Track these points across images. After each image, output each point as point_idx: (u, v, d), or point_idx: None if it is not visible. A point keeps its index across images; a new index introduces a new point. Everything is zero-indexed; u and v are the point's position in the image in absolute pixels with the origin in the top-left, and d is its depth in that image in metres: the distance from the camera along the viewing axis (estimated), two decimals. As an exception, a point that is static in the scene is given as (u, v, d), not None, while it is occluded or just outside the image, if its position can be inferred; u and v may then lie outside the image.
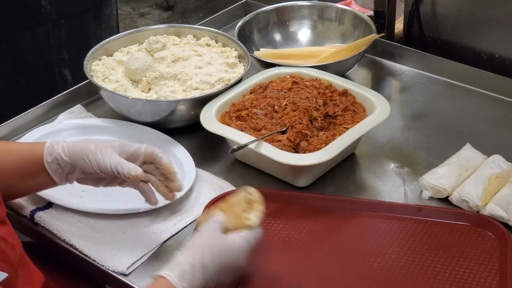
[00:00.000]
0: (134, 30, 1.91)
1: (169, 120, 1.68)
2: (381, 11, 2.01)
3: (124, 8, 4.68)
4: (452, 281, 1.30)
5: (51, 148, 1.37)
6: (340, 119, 1.60)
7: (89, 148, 1.36)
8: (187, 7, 4.74)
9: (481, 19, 1.92)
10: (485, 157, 1.57)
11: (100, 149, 1.36)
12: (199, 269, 1.18)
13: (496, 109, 1.80)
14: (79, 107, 1.81)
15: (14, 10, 2.37)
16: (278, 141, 1.53)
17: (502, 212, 1.42)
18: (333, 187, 1.56)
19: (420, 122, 1.77)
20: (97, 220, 1.46)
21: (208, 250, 1.20)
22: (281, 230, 1.43)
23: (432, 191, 1.50)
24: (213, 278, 1.20)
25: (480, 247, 1.37)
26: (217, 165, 1.63)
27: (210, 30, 1.93)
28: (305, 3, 2.06)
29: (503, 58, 1.91)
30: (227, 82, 1.73)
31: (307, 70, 1.73)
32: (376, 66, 2.01)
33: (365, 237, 1.41)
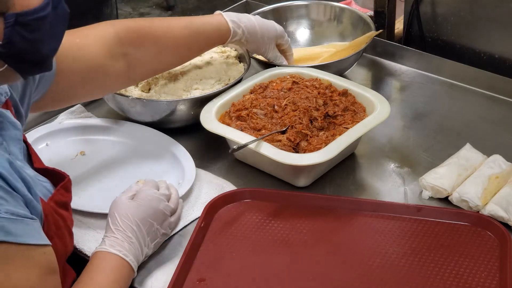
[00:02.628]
0: (134, 30, 1.91)
1: (169, 120, 1.68)
2: (381, 11, 2.01)
3: (124, 8, 4.68)
4: (452, 281, 1.30)
5: (235, 34, 1.68)
6: (340, 119, 1.60)
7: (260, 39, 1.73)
8: (187, 7, 4.74)
9: (481, 19, 1.92)
10: (485, 157, 1.57)
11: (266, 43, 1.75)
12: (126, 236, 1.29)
13: (496, 109, 1.80)
14: (79, 107, 1.81)
15: (14, 10, 2.36)
16: (278, 141, 1.53)
17: (502, 212, 1.42)
18: (333, 187, 1.56)
19: (420, 122, 1.77)
20: (97, 220, 1.46)
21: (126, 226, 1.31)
22: (281, 230, 1.43)
23: (432, 191, 1.50)
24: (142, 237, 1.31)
25: (480, 247, 1.37)
26: (217, 165, 1.63)
27: (210, 30, 1.92)
28: (304, 2, 2.06)
29: (503, 58, 1.91)
30: (227, 82, 1.73)
31: (307, 70, 1.73)
32: (376, 66, 2.01)
33: (365, 237, 1.41)
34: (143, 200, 1.35)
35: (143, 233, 1.32)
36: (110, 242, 1.29)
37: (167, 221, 1.37)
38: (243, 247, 1.39)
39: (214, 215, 1.47)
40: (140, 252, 1.32)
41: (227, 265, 1.36)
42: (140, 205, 1.34)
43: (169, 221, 1.38)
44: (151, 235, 1.34)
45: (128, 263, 1.29)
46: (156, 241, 1.36)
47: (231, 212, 1.48)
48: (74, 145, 1.67)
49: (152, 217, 1.34)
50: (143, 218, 1.33)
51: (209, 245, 1.40)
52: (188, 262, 1.35)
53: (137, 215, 1.32)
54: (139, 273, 1.36)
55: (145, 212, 1.33)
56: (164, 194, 1.39)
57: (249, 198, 1.50)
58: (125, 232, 1.30)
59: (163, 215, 1.36)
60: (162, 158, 1.63)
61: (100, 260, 1.28)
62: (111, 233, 1.31)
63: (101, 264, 1.27)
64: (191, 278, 1.32)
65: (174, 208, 1.40)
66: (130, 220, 1.31)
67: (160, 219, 1.35)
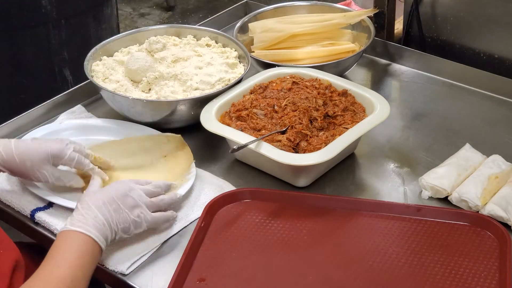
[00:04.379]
0: (135, 31, 1.92)
1: (169, 120, 1.68)
2: (381, 11, 2.01)
3: (125, 9, 4.68)
4: (451, 280, 1.31)
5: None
6: (340, 119, 1.61)
7: (26, 166, 1.42)
8: (187, 7, 4.74)
9: (481, 19, 1.92)
10: (485, 157, 1.57)
11: (37, 168, 1.42)
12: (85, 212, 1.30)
13: (495, 109, 1.81)
14: (79, 107, 1.81)
15: (14, 10, 2.37)
16: (278, 141, 1.53)
17: (501, 212, 1.43)
18: (333, 187, 1.56)
19: (420, 122, 1.77)
20: (97, 220, 1.46)
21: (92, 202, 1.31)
22: (281, 230, 1.43)
23: (431, 191, 1.51)
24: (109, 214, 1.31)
25: (479, 247, 1.37)
26: (217, 165, 1.63)
27: (210, 30, 1.93)
28: (304, 3, 2.06)
29: (503, 58, 1.91)
30: (227, 83, 1.73)
31: (307, 70, 1.73)
32: (376, 66, 2.01)
33: (365, 237, 1.41)
34: (113, 186, 1.37)
35: (110, 211, 1.31)
36: (73, 221, 1.29)
37: (139, 209, 1.35)
38: (243, 247, 1.40)
39: (214, 215, 1.47)
40: (107, 228, 1.30)
41: (227, 265, 1.36)
42: (109, 189, 1.35)
43: (142, 211, 1.35)
44: (118, 215, 1.32)
45: (91, 238, 1.27)
46: (126, 226, 1.33)
47: (231, 212, 1.48)
48: (74, 145, 1.67)
49: (120, 199, 1.33)
50: (110, 198, 1.32)
51: (209, 245, 1.40)
52: (188, 262, 1.35)
53: (105, 195, 1.33)
54: (139, 273, 1.36)
55: (114, 194, 1.33)
56: (144, 188, 1.38)
57: (249, 198, 1.51)
58: (91, 209, 1.30)
59: (133, 201, 1.35)
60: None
61: (62, 239, 1.27)
62: (76, 212, 1.31)
63: (62, 243, 1.27)
64: (191, 278, 1.33)
65: (155, 203, 1.38)
66: (96, 199, 1.32)
67: (130, 204, 1.34)
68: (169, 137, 1.63)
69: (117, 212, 1.33)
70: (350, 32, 1.98)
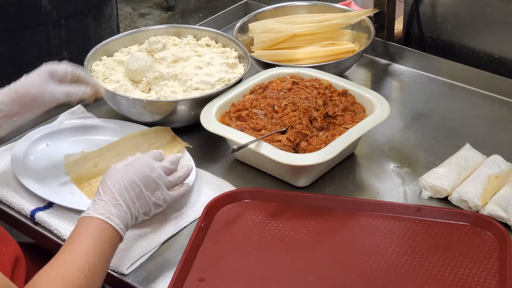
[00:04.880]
0: (134, 31, 1.92)
1: (170, 120, 1.68)
2: (381, 11, 2.01)
3: (125, 9, 4.68)
4: (451, 280, 1.31)
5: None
6: (340, 119, 1.61)
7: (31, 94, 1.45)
8: (187, 7, 4.74)
9: (480, 19, 1.92)
10: (485, 157, 1.57)
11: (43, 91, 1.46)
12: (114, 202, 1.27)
13: (495, 109, 1.81)
14: (79, 107, 1.81)
15: (14, 10, 2.37)
16: (278, 141, 1.53)
17: (501, 212, 1.43)
18: (333, 187, 1.56)
19: (420, 122, 1.77)
20: (97, 220, 1.46)
21: (114, 187, 1.29)
22: (281, 230, 1.43)
23: (431, 191, 1.51)
24: (131, 200, 1.29)
25: (479, 247, 1.37)
26: (217, 165, 1.64)
27: (210, 30, 1.93)
28: (304, 3, 2.06)
29: (503, 59, 1.91)
30: (227, 83, 1.73)
31: (307, 70, 1.73)
32: (376, 66, 2.01)
33: (365, 237, 1.41)
34: (134, 165, 1.33)
35: (132, 197, 1.30)
36: (95, 206, 1.27)
37: (160, 191, 1.35)
38: (243, 247, 1.40)
39: (214, 215, 1.47)
40: (128, 216, 1.29)
41: (227, 265, 1.36)
42: (130, 169, 1.32)
43: (162, 192, 1.36)
44: (140, 201, 1.32)
45: (111, 227, 1.26)
46: (146, 210, 1.33)
47: (231, 212, 1.48)
48: (75, 145, 1.67)
49: (142, 182, 1.32)
50: (132, 181, 1.30)
51: (209, 245, 1.40)
52: (188, 262, 1.35)
53: (126, 178, 1.30)
54: (139, 273, 1.36)
55: (135, 176, 1.31)
56: (162, 165, 1.37)
57: (249, 198, 1.51)
58: (113, 194, 1.28)
59: (154, 183, 1.34)
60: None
61: (82, 225, 1.26)
62: (98, 196, 1.29)
63: (82, 229, 1.25)
64: (191, 278, 1.33)
65: (173, 182, 1.39)
66: (118, 183, 1.29)
67: (152, 187, 1.33)
68: (158, 130, 1.64)
69: (139, 197, 1.31)
70: (350, 32, 1.98)
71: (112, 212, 1.27)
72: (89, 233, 1.24)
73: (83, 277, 1.19)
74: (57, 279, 1.17)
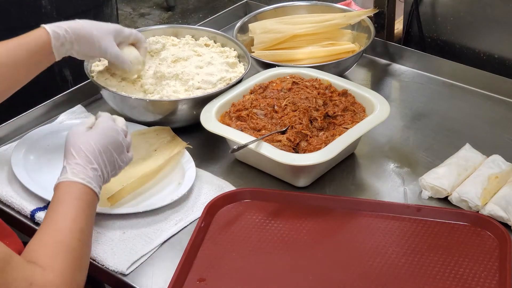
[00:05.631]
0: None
1: (170, 120, 1.68)
2: (381, 11, 2.01)
3: (125, 9, 4.68)
4: (451, 280, 1.31)
5: (56, 35, 1.53)
6: (340, 119, 1.61)
7: (92, 34, 1.57)
8: (187, 7, 4.74)
9: (480, 19, 1.92)
10: (485, 157, 1.57)
11: (102, 37, 1.58)
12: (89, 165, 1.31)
13: (495, 109, 1.81)
14: (79, 107, 1.81)
15: (14, 10, 2.37)
16: (278, 141, 1.53)
17: (501, 212, 1.43)
18: (333, 187, 1.56)
19: (420, 122, 1.77)
20: (97, 220, 1.46)
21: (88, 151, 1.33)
22: (281, 230, 1.43)
23: (431, 191, 1.51)
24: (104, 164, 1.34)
25: (479, 247, 1.37)
26: (217, 165, 1.64)
27: (208, 30, 1.93)
28: (304, 3, 2.06)
29: (503, 58, 1.91)
30: (228, 82, 1.73)
31: (307, 71, 1.73)
32: (376, 66, 2.01)
33: (365, 237, 1.41)
34: (104, 129, 1.37)
35: (104, 161, 1.34)
36: (73, 171, 1.30)
37: (124, 154, 1.40)
38: (243, 247, 1.40)
39: (214, 215, 1.47)
40: (102, 179, 1.33)
41: (227, 265, 1.36)
42: (101, 134, 1.36)
43: (126, 154, 1.40)
44: (111, 164, 1.36)
45: (91, 190, 1.29)
46: (114, 172, 1.38)
47: (231, 212, 1.48)
48: (75, 145, 1.67)
49: (112, 146, 1.36)
50: (104, 146, 1.35)
51: (209, 245, 1.40)
52: (188, 262, 1.35)
53: (99, 143, 1.34)
54: (139, 273, 1.36)
55: (106, 140, 1.36)
56: (122, 128, 1.41)
57: (249, 198, 1.51)
58: (88, 158, 1.32)
59: (121, 147, 1.39)
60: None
61: (64, 190, 1.28)
62: (73, 160, 1.31)
63: (65, 194, 1.27)
64: (191, 278, 1.33)
65: (129, 143, 1.43)
66: (92, 147, 1.33)
67: (119, 150, 1.38)
68: (158, 130, 1.65)
69: (110, 161, 1.36)
70: (350, 32, 1.98)
71: (90, 176, 1.30)
72: (74, 198, 1.27)
73: (76, 241, 1.22)
74: (53, 245, 1.20)
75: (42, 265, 1.16)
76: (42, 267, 1.16)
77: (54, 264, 1.17)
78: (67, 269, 1.18)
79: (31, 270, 1.14)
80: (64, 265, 1.18)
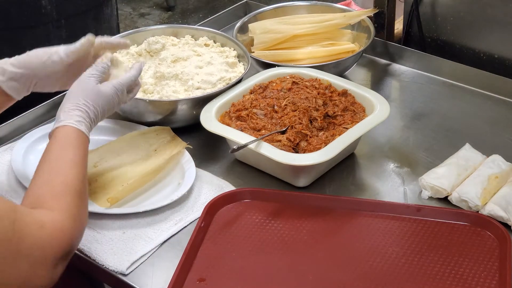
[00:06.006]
0: (132, 31, 1.92)
1: (170, 120, 1.68)
2: (381, 11, 2.01)
3: (125, 9, 4.68)
4: (451, 280, 1.31)
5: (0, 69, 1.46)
6: (340, 119, 1.61)
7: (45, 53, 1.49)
8: (187, 7, 4.74)
9: (480, 19, 1.92)
10: (485, 157, 1.57)
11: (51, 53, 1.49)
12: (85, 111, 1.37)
13: (495, 109, 1.81)
14: (79, 107, 1.81)
15: (14, 10, 2.37)
16: (278, 141, 1.53)
17: (501, 212, 1.43)
18: (333, 187, 1.56)
19: (420, 122, 1.77)
20: (97, 220, 1.46)
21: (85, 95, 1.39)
22: (281, 230, 1.43)
23: (431, 191, 1.51)
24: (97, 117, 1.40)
25: (479, 247, 1.37)
26: (217, 165, 1.64)
27: (208, 30, 1.93)
28: (304, 3, 2.06)
29: (503, 59, 1.91)
30: (228, 82, 1.73)
31: (307, 70, 1.73)
32: (376, 66, 2.01)
33: (365, 237, 1.41)
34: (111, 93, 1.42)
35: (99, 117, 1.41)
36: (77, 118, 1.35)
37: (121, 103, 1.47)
38: (243, 247, 1.40)
39: (214, 215, 1.47)
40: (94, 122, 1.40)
41: (227, 265, 1.36)
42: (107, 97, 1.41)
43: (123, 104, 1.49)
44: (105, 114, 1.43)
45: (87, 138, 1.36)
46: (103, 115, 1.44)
47: (231, 212, 1.48)
48: (75, 145, 1.67)
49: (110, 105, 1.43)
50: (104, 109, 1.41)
51: (209, 245, 1.40)
52: (188, 262, 1.35)
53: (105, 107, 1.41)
54: (139, 273, 1.36)
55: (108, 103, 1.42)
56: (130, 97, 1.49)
57: (249, 198, 1.51)
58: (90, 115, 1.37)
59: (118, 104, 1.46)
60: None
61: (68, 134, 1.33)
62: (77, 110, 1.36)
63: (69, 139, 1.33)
64: (191, 278, 1.33)
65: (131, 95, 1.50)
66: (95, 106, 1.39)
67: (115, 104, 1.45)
68: (158, 130, 1.65)
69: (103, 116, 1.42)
70: (350, 32, 1.98)
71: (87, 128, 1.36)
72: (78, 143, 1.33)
73: (80, 183, 1.28)
74: (58, 188, 1.25)
75: (48, 208, 1.21)
76: (49, 209, 1.21)
77: (60, 205, 1.23)
78: (73, 209, 1.24)
79: (40, 213, 1.19)
80: (68, 205, 1.24)
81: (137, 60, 1.77)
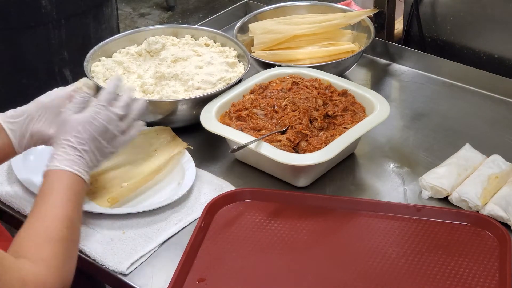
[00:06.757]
0: (132, 31, 1.92)
1: (170, 120, 1.68)
2: (381, 11, 2.01)
3: (125, 9, 4.68)
4: (451, 280, 1.31)
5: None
6: (340, 119, 1.61)
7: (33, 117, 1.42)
8: (187, 7, 4.74)
9: (481, 19, 1.92)
10: (485, 157, 1.57)
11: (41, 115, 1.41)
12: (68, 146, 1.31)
13: (495, 109, 1.81)
14: (79, 107, 1.80)
15: (14, 10, 2.37)
16: (278, 141, 1.53)
17: (501, 212, 1.43)
18: (333, 187, 1.56)
19: (420, 122, 1.77)
20: (97, 220, 1.46)
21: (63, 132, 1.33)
22: (281, 230, 1.43)
23: (431, 191, 1.51)
24: (86, 143, 1.33)
25: (479, 247, 1.37)
26: (217, 165, 1.64)
27: (208, 30, 1.93)
28: (304, 3, 2.06)
29: (503, 59, 1.91)
30: (228, 82, 1.73)
31: (307, 70, 1.73)
32: (376, 66, 2.01)
33: (365, 237, 1.41)
34: (92, 116, 1.35)
35: (92, 149, 1.34)
36: (61, 158, 1.29)
37: (115, 140, 1.39)
38: (243, 247, 1.40)
39: (214, 215, 1.47)
40: (91, 165, 1.34)
41: (227, 265, 1.36)
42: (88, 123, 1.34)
43: (117, 140, 1.40)
44: (99, 151, 1.35)
45: (80, 178, 1.29)
46: (103, 159, 1.38)
47: (231, 212, 1.48)
48: (74, 145, 1.67)
49: (100, 135, 1.35)
50: (91, 136, 1.33)
51: (209, 245, 1.40)
52: (188, 262, 1.35)
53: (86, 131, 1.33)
54: (139, 273, 1.36)
55: (93, 130, 1.34)
56: (117, 114, 1.39)
57: (249, 198, 1.51)
58: (75, 148, 1.31)
59: (111, 134, 1.38)
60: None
61: (51, 178, 1.28)
62: (61, 149, 1.31)
63: (56, 182, 1.27)
64: (191, 278, 1.33)
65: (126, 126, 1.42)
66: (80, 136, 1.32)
67: (108, 138, 1.37)
68: (158, 130, 1.65)
69: (99, 149, 1.35)
70: (350, 32, 1.98)
71: (80, 164, 1.30)
72: (63, 186, 1.27)
73: (64, 228, 1.22)
74: (40, 235, 1.20)
75: (31, 258, 1.17)
76: (31, 259, 1.16)
77: (43, 254, 1.18)
78: (55, 259, 1.18)
79: (23, 267, 1.14)
80: (51, 255, 1.18)
81: (135, 62, 1.73)
